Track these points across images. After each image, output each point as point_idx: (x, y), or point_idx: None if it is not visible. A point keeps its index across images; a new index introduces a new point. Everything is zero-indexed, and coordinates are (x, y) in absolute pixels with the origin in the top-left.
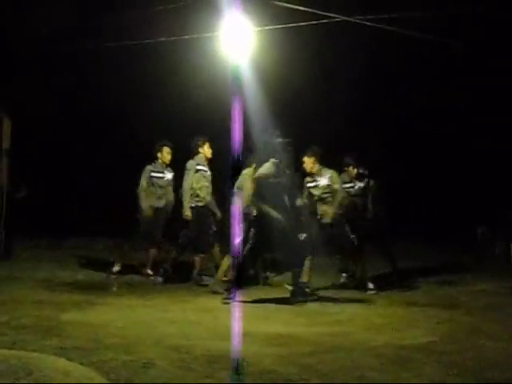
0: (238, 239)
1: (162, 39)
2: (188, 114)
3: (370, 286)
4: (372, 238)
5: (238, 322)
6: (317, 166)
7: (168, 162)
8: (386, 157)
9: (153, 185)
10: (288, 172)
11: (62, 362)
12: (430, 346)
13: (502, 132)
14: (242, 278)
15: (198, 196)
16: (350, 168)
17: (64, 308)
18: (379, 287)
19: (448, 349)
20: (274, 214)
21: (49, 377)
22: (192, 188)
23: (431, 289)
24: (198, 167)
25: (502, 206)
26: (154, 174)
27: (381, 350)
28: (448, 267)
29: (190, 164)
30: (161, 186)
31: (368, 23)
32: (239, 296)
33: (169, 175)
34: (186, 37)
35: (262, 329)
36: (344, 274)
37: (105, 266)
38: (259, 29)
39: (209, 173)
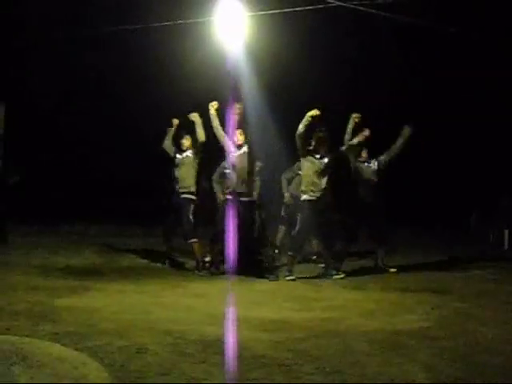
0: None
1: (156, 24)
2: (182, 99)
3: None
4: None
5: (231, 307)
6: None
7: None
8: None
9: None
10: None
11: (56, 348)
12: (423, 331)
13: (498, 119)
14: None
15: None
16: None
17: (58, 293)
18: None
19: (440, 334)
20: None
21: (43, 362)
22: None
23: (424, 274)
24: None
25: (496, 192)
26: None
27: (374, 335)
28: (441, 253)
29: None
30: None
31: (362, 8)
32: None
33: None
34: (181, 22)
35: (255, 314)
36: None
37: (98, 252)
38: (253, 14)
39: None
